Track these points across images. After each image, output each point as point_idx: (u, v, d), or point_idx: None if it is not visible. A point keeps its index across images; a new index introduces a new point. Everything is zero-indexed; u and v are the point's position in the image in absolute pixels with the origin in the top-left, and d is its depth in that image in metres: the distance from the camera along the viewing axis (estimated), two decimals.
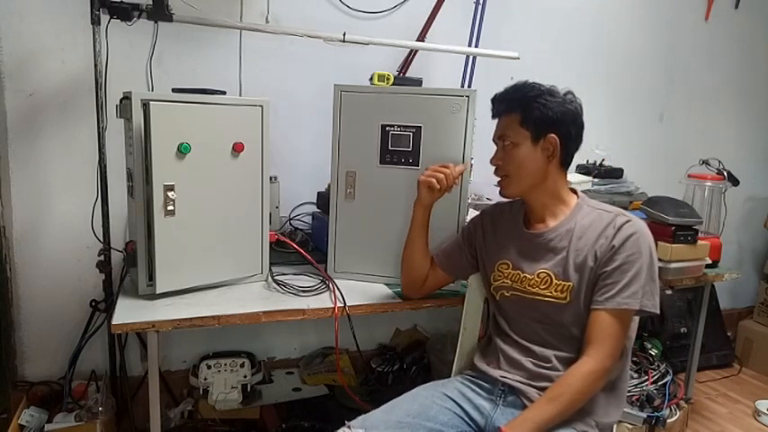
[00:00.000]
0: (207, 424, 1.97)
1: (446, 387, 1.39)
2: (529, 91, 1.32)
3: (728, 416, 2.50)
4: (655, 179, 2.45)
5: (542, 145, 1.32)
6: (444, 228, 1.62)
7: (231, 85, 2.00)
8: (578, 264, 1.29)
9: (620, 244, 1.25)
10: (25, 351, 1.97)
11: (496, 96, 1.39)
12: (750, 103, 3.16)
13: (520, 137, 1.33)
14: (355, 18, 2.19)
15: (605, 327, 1.25)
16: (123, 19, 1.68)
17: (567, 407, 1.21)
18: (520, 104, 1.33)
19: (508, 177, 1.37)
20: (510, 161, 1.35)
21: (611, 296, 1.25)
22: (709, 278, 2.03)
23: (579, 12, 2.60)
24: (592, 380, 1.23)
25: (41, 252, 1.93)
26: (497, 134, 1.39)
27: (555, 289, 1.31)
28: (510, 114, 1.34)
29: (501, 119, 1.38)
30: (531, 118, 1.31)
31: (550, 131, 1.31)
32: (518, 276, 1.37)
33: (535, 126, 1.31)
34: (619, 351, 1.28)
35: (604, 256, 1.26)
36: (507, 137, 1.35)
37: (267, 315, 1.45)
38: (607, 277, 1.26)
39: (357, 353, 2.02)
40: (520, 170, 1.34)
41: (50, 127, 1.88)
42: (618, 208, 1.35)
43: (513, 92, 1.35)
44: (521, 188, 1.37)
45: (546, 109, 1.29)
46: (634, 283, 1.24)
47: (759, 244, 3.36)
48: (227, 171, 1.53)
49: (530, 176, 1.34)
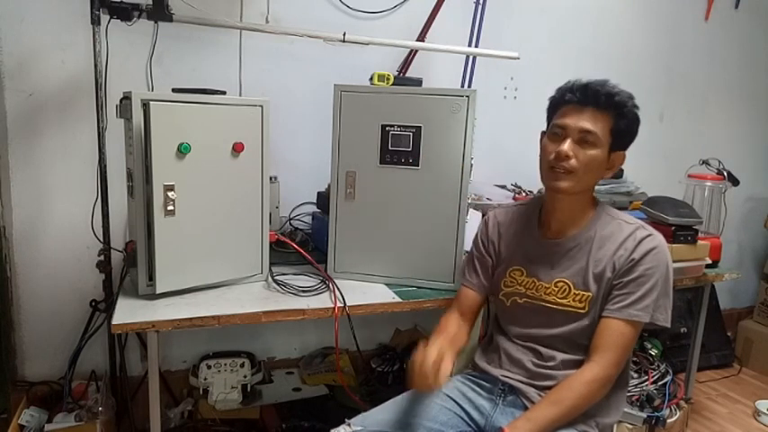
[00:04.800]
0: (207, 424, 1.97)
1: (446, 387, 1.38)
2: (625, 98, 1.25)
3: (728, 416, 2.50)
4: (655, 179, 2.45)
5: (612, 157, 1.28)
6: (444, 228, 1.62)
7: (231, 85, 2.01)
8: (597, 274, 1.28)
9: (640, 257, 1.24)
10: (25, 351, 1.97)
11: (589, 85, 1.25)
12: (750, 103, 3.16)
13: (603, 140, 1.25)
14: (355, 18, 2.19)
15: (614, 336, 1.24)
16: (123, 19, 1.68)
17: (569, 411, 1.21)
18: (616, 107, 1.24)
19: (573, 174, 1.26)
20: (584, 160, 1.25)
21: (624, 306, 1.24)
22: (709, 278, 2.03)
23: (579, 12, 2.60)
24: (596, 387, 1.23)
25: (41, 252, 1.93)
26: (581, 126, 1.24)
27: (573, 299, 1.30)
28: (601, 112, 1.24)
29: (586, 110, 1.25)
30: (620, 129, 1.25)
31: (624, 148, 1.29)
32: (533, 284, 1.35)
33: (620, 137, 1.26)
34: (624, 360, 1.28)
35: (623, 268, 1.25)
36: (592, 135, 1.24)
37: (267, 315, 1.45)
38: (622, 287, 1.25)
39: (357, 353, 2.02)
40: (587, 173, 1.26)
41: (50, 127, 1.88)
42: (638, 220, 1.32)
43: (610, 92, 1.24)
44: (578, 188, 1.28)
45: (635, 124, 1.26)
46: (648, 297, 1.23)
47: (759, 244, 3.36)
48: (227, 171, 1.53)
49: (590, 181, 1.29)
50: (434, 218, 1.63)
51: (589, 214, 1.33)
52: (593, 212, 1.33)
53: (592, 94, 1.25)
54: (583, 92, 1.26)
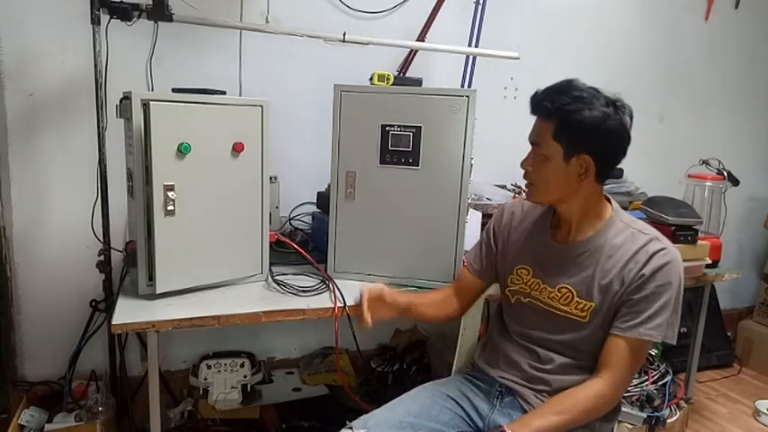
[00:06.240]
0: (207, 424, 1.97)
1: (446, 386, 1.39)
2: (567, 102, 1.18)
3: (728, 416, 2.50)
4: (655, 179, 2.46)
5: (575, 163, 1.20)
6: (444, 228, 1.62)
7: (231, 85, 2.00)
8: (603, 285, 1.24)
9: (651, 273, 1.19)
10: (25, 351, 1.98)
11: (535, 96, 1.25)
12: (750, 103, 3.15)
13: (551, 150, 1.21)
14: (355, 18, 2.19)
15: (624, 355, 1.21)
16: (123, 19, 1.68)
17: (571, 423, 1.20)
18: (556, 113, 1.20)
19: (535, 186, 1.28)
20: (538, 172, 1.25)
21: (635, 325, 1.20)
22: (709, 278, 2.03)
23: (579, 11, 2.60)
24: (601, 404, 1.22)
25: (41, 252, 1.93)
26: (531, 138, 1.27)
27: (575, 307, 1.27)
28: (545, 121, 1.22)
29: (537, 120, 1.26)
30: (565, 133, 1.19)
31: (584, 151, 1.19)
32: (538, 285, 1.33)
33: (569, 142, 1.19)
34: (631, 379, 1.26)
35: (632, 284, 1.20)
36: (539, 147, 1.24)
37: (267, 315, 1.45)
38: (633, 305, 1.21)
39: (357, 353, 2.02)
40: (548, 184, 1.25)
41: (50, 127, 1.88)
42: (654, 230, 1.26)
43: (554, 95, 1.21)
44: (547, 198, 1.30)
45: (583, 126, 1.17)
46: (660, 315, 1.19)
47: (759, 244, 3.36)
48: (227, 171, 1.53)
49: (557, 191, 1.26)
50: (434, 218, 1.63)
51: (601, 220, 1.28)
52: (605, 218, 1.28)
53: (535, 103, 1.25)
54: (530, 102, 1.26)
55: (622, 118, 1.21)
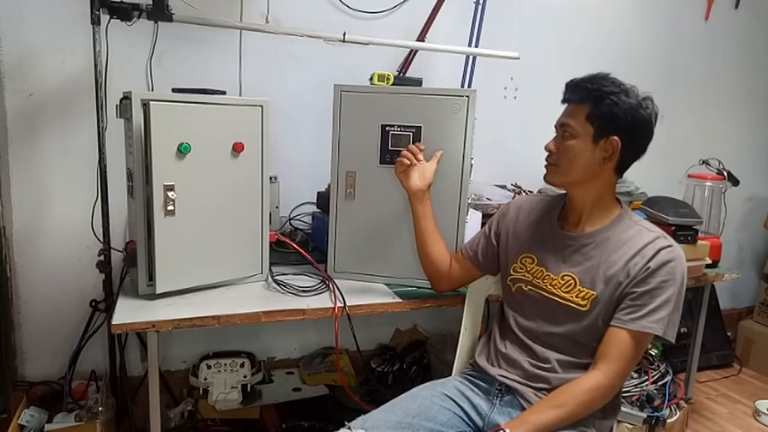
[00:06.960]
0: (207, 424, 1.97)
1: (445, 386, 1.39)
2: (605, 85, 1.24)
3: (728, 416, 2.50)
4: (655, 179, 2.45)
5: (603, 145, 1.25)
6: (445, 228, 1.61)
7: (231, 85, 2.01)
8: (607, 276, 1.25)
9: (656, 268, 1.22)
10: (25, 351, 1.98)
11: (572, 81, 1.30)
12: (750, 103, 3.15)
13: (581, 130, 1.26)
14: (355, 18, 2.19)
15: (623, 347, 1.22)
16: (123, 19, 1.68)
17: (569, 416, 1.21)
18: (592, 97, 1.25)
19: (556, 167, 1.31)
20: (564, 152, 1.29)
21: (637, 318, 1.22)
22: (709, 278, 2.03)
23: (579, 11, 2.60)
24: (598, 395, 1.23)
25: (41, 252, 1.93)
26: (560, 121, 1.31)
27: (576, 295, 1.28)
28: (579, 105, 1.27)
29: (569, 106, 1.31)
30: (599, 114, 1.24)
31: (614, 133, 1.24)
32: (541, 273, 1.35)
33: (601, 123, 1.24)
34: (630, 372, 1.27)
35: (637, 276, 1.23)
36: (568, 127, 1.28)
37: (267, 315, 1.45)
38: (636, 298, 1.22)
39: (357, 353, 2.02)
40: (571, 164, 1.28)
41: (50, 127, 1.88)
42: (660, 230, 1.30)
43: (590, 82, 1.27)
44: (565, 180, 1.32)
45: (617, 108, 1.22)
46: (662, 310, 1.21)
47: (759, 244, 3.36)
48: (227, 171, 1.53)
49: (579, 172, 1.29)
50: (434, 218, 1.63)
51: (610, 215, 1.32)
52: (614, 214, 1.32)
53: (571, 88, 1.30)
54: (566, 89, 1.31)
55: (654, 111, 1.28)
